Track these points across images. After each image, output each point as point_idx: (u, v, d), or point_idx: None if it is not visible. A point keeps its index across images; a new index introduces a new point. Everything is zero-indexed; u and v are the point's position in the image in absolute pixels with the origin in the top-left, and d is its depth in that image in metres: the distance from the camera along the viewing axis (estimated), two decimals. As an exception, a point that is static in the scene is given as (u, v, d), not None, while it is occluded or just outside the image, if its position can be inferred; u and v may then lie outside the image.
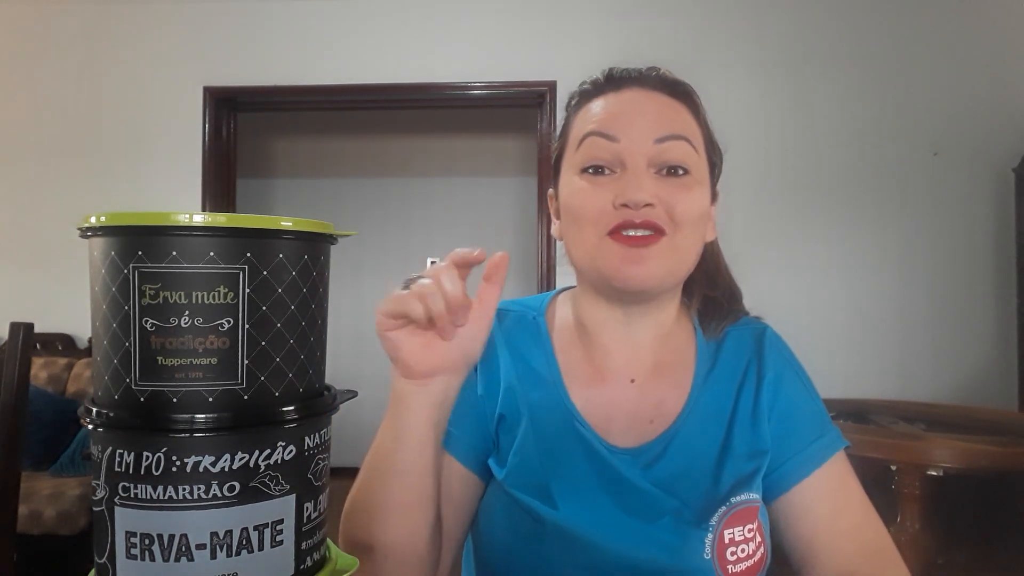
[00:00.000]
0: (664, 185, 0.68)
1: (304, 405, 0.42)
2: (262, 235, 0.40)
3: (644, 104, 0.71)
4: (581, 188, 0.70)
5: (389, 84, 3.11)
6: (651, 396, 0.74)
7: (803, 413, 0.74)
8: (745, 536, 0.68)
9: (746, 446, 0.72)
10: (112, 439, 0.39)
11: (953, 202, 2.92)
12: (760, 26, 3.00)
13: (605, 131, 0.69)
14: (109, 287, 0.39)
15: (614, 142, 0.69)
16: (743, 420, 0.73)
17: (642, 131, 0.69)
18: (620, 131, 0.69)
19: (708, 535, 0.67)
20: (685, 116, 0.72)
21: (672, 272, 0.70)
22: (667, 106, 0.72)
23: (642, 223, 0.67)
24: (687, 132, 0.70)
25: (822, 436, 0.73)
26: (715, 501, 0.68)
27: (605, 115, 0.71)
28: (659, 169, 0.69)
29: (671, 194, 0.68)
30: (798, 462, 0.71)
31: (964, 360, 2.90)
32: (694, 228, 0.70)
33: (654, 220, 0.67)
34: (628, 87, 0.73)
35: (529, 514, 0.68)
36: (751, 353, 0.76)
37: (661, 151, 0.68)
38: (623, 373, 0.75)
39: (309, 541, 0.43)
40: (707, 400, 0.74)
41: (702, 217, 0.71)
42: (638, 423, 0.73)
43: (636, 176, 0.67)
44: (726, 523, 0.68)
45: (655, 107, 0.71)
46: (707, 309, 0.80)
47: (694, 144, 0.70)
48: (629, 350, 0.75)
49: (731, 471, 0.70)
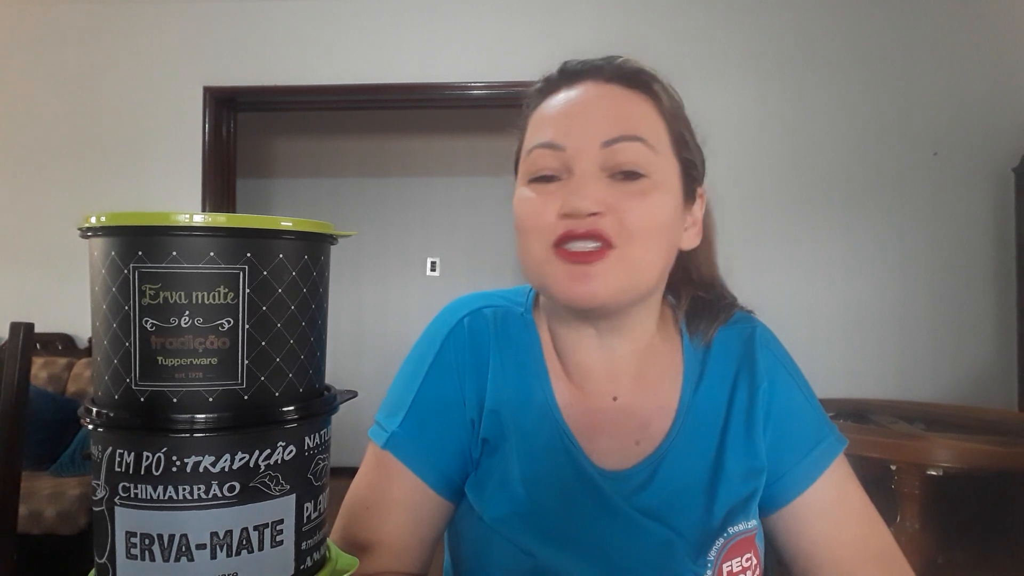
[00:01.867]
0: (615, 191, 0.61)
1: (304, 405, 0.42)
2: (262, 235, 0.40)
3: (595, 102, 0.64)
4: (527, 198, 0.65)
5: (389, 84, 3.11)
6: (636, 415, 0.69)
7: (800, 418, 0.70)
8: (743, 566, 0.65)
9: (740, 465, 0.67)
10: (112, 439, 0.39)
11: (953, 202, 2.92)
12: (759, 26, 3.00)
13: (550, 141, 0.63)
14: (109, 287, 0.39)
15: (560, 151, 0.63)
16: (736, 435, 0.68)
17: (589, 133, 0.62)
18: (565, 137, 0.63)
19: (708, 571, 0.63)
20: (643, 110, 0.64)
21: (626, 289, 0.62)
22: (621, 101, 0.64)
23: (585, 233, 0.60)
24: (642, 130, 0.63)
25: (820, 442, 0.69)
26: (711, 532, 0.64)
27: (552, 122, 0.64)
28: (612, 173, 0.62)
29: (622, 200, 0.61)
30: (798, 473, 0.68)
31: (964, 360, 2.90)
32: (652, 238, 0.62)
33: (600, 230, 0.60)
34: (581, 81, 0.66)
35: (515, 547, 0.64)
36: (741, 358, 0.71)
37: (611, 154, 0.61)
38: (604, 391, 0.69)
39: (309, 541, 0.43)
40: (696, 416, 0.69)
41: (665, 225, 0.63)
42: (623, 444, 0.68)
43: (582, 182, 0.61)
44: (725, 556, 0.64)
45: (606, 104, 0.64)
46: (696, 312, 0.73)
47: (651, 143, 0.62)
48: (607, 366, 0.69)
49: (725, 496, 0.66)
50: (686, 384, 0.71)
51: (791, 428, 0.70)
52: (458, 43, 3.11)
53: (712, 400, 0.70)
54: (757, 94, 2.98)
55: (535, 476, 0.66)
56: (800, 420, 0.71)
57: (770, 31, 3.00)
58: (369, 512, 0.67)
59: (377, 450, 0.68)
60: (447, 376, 0.69)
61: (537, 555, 0.63)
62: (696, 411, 0.69)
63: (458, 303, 0.74)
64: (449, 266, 4.38)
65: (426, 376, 0.69)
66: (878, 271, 2.93)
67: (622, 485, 0.66)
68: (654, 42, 2.98)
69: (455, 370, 0.69)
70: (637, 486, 0.66)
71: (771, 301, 0.85)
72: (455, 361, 0.69)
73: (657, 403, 0.70)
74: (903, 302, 2.92)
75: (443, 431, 0.68)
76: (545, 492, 0.65)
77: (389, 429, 0.68)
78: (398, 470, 0.67)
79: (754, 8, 3.00)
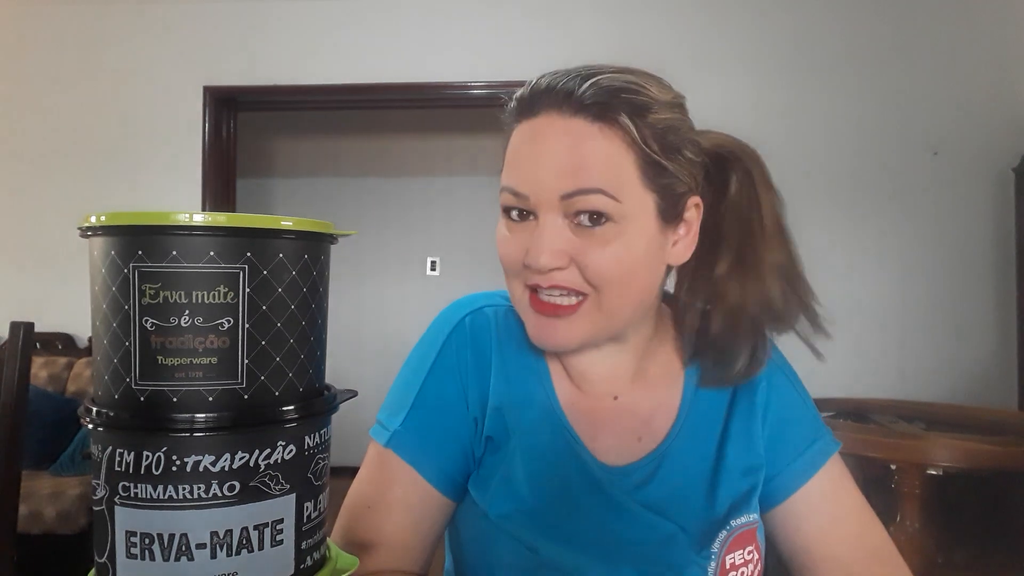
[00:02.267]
0: (579, 239, 0.59)
1: (304, 405, 0.42)
2: (262, 235, 0.40)
3: (554, 145, 0.59)
4: (503, 235, 0.64)
5: (389, 84, 3.11)
6: (637, 412, 0.70)
7: (796, 419, 0.72)
8: (745, 558, 0.66)
9: (741, 461, 0.68)
10: (112, 439, 0.39)
11: (953, 202, 2.92)
12: (759, 26, 3.00)
13: (513, 187, 0.62)
14: (109, 287, 0.39)
15: (524, 199, 0.61)
16: (737, 433, 0.69)
17: (548, 184, 0.59)
18: (526, 185, 0.61)
19: (711, 563, 0.64)
20: (607, 151, 0.59)
21: (596, 334, 0.63)
22: (583, 143, 0.59)
23: (553, 286, 0.60)
24: (602, 180, 0.58)
25: (816, 441, 0.71)
26: (714, 525, 0.66)
27: (516, 164, 0.62)
28: (575, 217, 0.60)
29: (583, 252, 0.59)
30: (794, 471, 0.69)
31: (964, 360, 2.89)
32: (623, 283, 0.61)
33: (564, 284, 0.60)
34: (545, 110, 0.61)
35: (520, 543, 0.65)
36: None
37: (570, 204, 0.59)
38: (604, 391, 0.70)
39: (309, 541, 0.43)
40: (698, 413, 0.70)
41: (634, 267, 0.61)
42: (625, 440, 0.69)
43: (542, 234, 0.60)
44: (728, 548, 0.65)
45: (565, 149, 0.59)
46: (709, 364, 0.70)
47: (612, 191, 0.58)
48: (606, 369, 0.70)
49: (726, 490, 0.67)
50: (687, 381, 0.72)
51: (787, 428, 0.71)
52: (458, 43, 3.11)
53: (714, 399, 0.71)
54: (757, 94, 2.98)
55: (539, 473, 0.66)
56: (796, 421, 0.72)
57: (770, 31, 3.00)
58: (370, 511, 0.67)
59: (379, 449, 0.69)
60: (449, 375, 0.69)
61: (541, 551, 0.64)
62: (698, 409, 0.70)
63: (460, 303, 0.74)
64: (449, 266, 4.38)
65: (428, 375, 0.69)
66: (878, 271, 2.93)
67: (625, 481, 0.67)
68: (653, 41, 2.99)
69: (457, 369, 0.69)
70: (640, 481, 0.67)
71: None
72: (457, 360, 0.70)
73: (658, 401, 0.71)
74: (903, 302, 2.92)
75: (445, 430, 0.68)
76: (549, 489, 0.66)
77: (391, 428, 0.68)
78: (400, 468, 0.67)
79: (754, 8, 3.00)
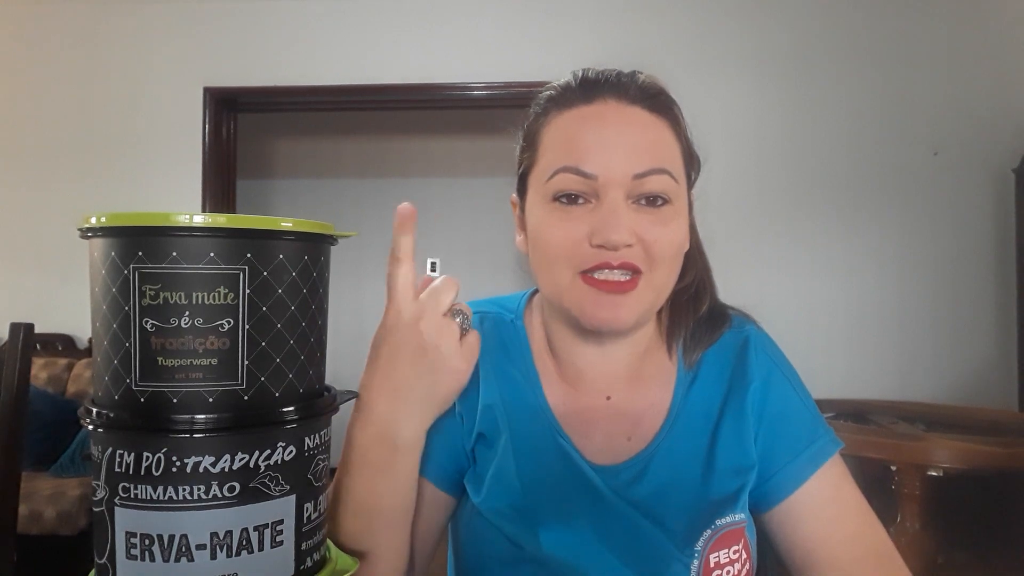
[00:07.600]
0: (642, 219, 0.63)
1: (304, 405, 0.42)
2: (262, 236, 0.40)
3: (622, 128, 0.64)
4: (551, 221, 0.65)
5: (389, 84, 3.11)
6: (628, 412, 0.71)
7: (794, 419, 0.71)
8: (731, 558, 0.65)
9: (731, 462, 0.68)
10: (112, 439, 0.39)
11: (953, 202, 2.92)
12: (759, 26, 3.00)
13: (580, 168, 0.63)
14: (109, 288, 0.39)
15: (591, 179, 0.63)
16: (728, 434, 0.69)
17: (621, 164, 0.62)
18: (596, 166, 0.63)
19: (694, 561, 0.64)
20: (666, 137, 0.66)
21: (648, 311, 0.67)
22: (647, 128, 0.65)
23: (620, 265, 0.62)
24: (668, 162, 0.64)
25: (814, 442, 0.70)
26: (699, 524, 0.66)
27: (579, 145, 0.64)
28: (636, 199, 0.63)
29: (648, 230, 0.63)
30: (791, 471, 0.69)
31: (964, 360, 2.89)
32: (672, 263, 0.66)
33: (632, 262, 0.62)
34: (602, 97, 0.65)
35: (509, 539, 0.66)
36: (735, 361, 0.72)
37: (639, 184, 0.63)
38: (598, 391, 0.72)
39: (309, 541, 0.43)
40: (688, 414, 0.70)
41: (682, 247, 0.67)
42: (615, 440, 0.70)
43: (614, 213, 0.62)
44: (711, 547, 0.65)
45: (635, 132, 0.64)
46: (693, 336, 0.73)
47: (675, 174, 0.65)
48: (603, 369, 0.71)
49: (715, 490, 0.67)
50: (679, 383, 0.72)
51: (785, 428, 0.71)
52: (458, 43, 3.11)
53: (705, 401, 0.71)
54: (757, 94, 2.97)
55: (530, 471, 0.68)
56: (794, 420, 0.71)
57: (770, 31, 3.00)
58: None
59: None
60: None
61: (532, 547, 0.65)
62: (688, 410, 0.71)
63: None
64: (449, 266, 4.38)
65: None
66: (878, 271, 2.93)
67: (614, 479, 0.68)
68: (654, 42, 2.98)
69: None
70: (629, 480, 0.68)
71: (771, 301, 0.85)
72: None
73: (649, 401, 0.71)
74: (903, 302, 2.92)
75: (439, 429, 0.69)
76: (540, 486, 0.67)
77: None
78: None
79: (754, 8, 3.00)
